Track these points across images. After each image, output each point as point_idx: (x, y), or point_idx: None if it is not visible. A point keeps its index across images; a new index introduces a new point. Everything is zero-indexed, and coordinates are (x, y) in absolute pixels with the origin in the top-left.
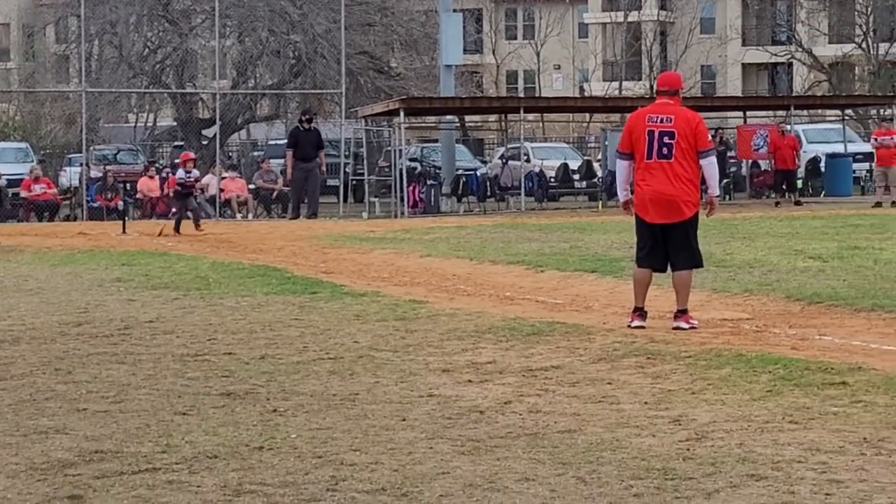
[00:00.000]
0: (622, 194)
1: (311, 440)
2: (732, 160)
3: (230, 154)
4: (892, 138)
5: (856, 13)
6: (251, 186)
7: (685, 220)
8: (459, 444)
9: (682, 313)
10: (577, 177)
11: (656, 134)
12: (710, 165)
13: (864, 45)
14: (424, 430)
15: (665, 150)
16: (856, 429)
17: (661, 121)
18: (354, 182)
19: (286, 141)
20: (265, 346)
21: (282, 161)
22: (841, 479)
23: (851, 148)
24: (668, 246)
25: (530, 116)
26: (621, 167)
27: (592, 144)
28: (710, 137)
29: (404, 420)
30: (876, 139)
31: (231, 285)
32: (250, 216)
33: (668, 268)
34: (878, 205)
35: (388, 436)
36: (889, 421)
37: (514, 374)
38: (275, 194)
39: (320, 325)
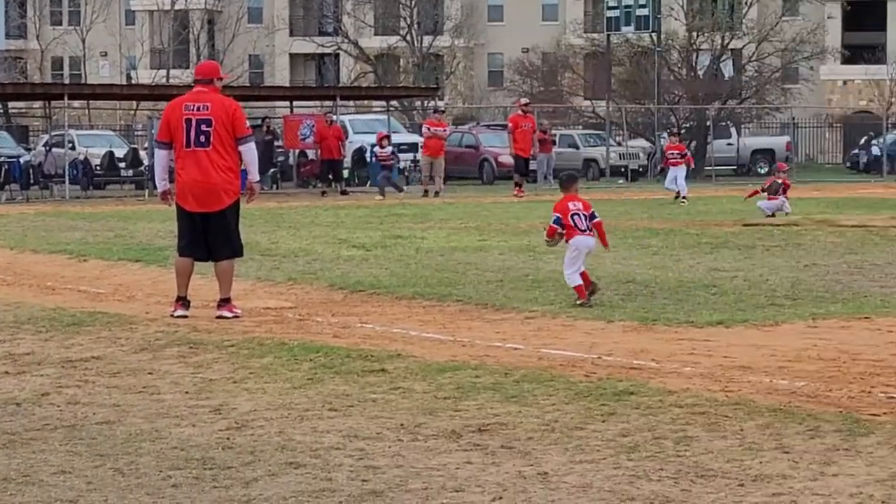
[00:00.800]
0: (160, 184)
1: None
2: (280, 150)
3: None
4: (444, 129)
5: (400, 6)
6: None
7: (225, 209)
8: None
9: (225, 302)
10: (123, 165)
11: (194, 122)
12: (248, 151)
13: (408, 37)
14: None
15: (203, 138)
16: (393, 415)
17: (198, 108)
18: None
19: None
20: None
21: None
22: (378, 465)
23: (396, 139)
24: (208, 235)
25: (76, 103)
26: (160, 156)
27: (139, 132)
28: (248, 125)
29: None
30: (429, 129)
31: None
32: None
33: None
34: (425, 193)
35: None
36: (425, 407)
37: (53, 365)
38: None
39: None
